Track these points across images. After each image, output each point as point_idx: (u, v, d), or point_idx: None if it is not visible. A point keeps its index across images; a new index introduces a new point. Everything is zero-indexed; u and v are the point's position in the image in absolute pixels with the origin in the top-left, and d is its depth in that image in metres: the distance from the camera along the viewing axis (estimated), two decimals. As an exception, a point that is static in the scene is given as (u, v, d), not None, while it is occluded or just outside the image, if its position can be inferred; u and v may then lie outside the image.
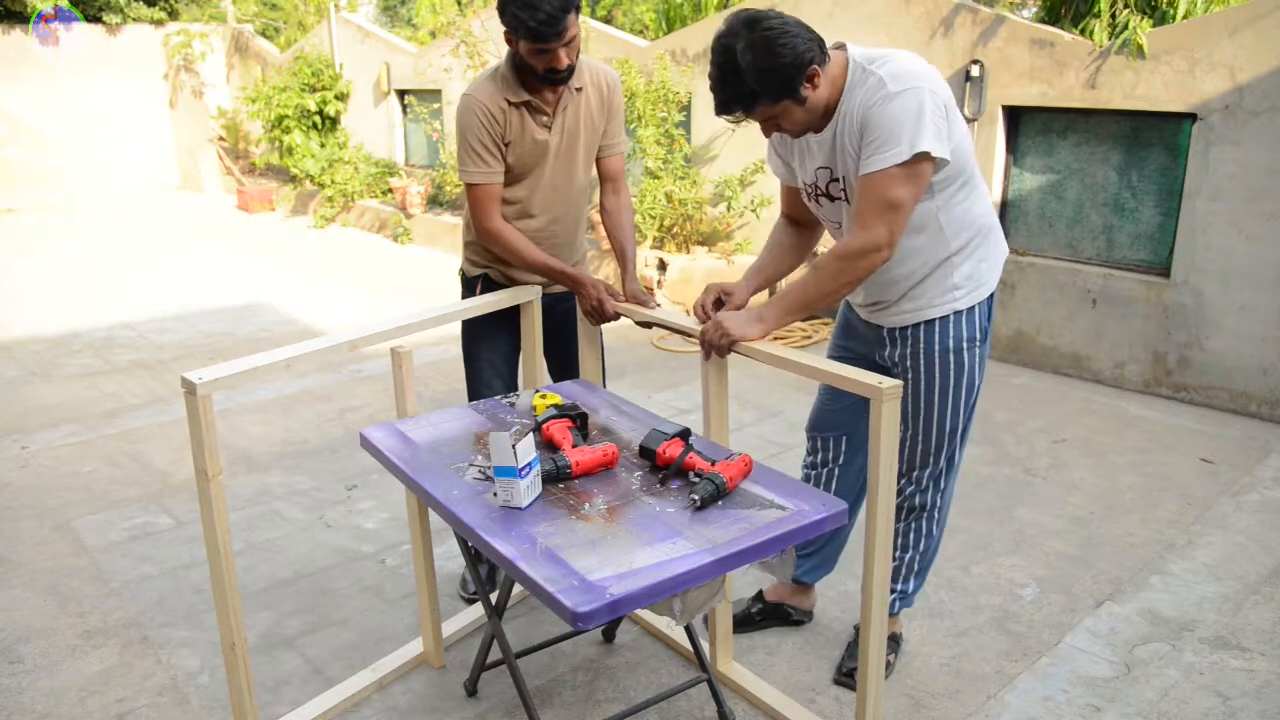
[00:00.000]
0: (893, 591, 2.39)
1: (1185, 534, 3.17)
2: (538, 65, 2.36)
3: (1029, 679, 2.42)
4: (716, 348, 2.12)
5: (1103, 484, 3.56)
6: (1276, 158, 4.00)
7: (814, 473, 2.51)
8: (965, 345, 2.17)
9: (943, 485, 2.33)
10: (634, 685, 2.41)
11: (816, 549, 2.57)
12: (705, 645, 2.33)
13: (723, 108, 1.99)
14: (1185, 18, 4.67)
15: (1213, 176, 4.19)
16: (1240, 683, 2.40)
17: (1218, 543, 3.11)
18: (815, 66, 1.94)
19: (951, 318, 2.15)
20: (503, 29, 2.37)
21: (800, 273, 2.26)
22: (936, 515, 2.36)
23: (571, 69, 2.39)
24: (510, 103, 2.43)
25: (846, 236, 2.02)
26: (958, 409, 2.22)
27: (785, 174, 2.28)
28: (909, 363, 2.20)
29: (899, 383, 1.86)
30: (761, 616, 2.63)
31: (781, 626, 2.64)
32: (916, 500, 2.32)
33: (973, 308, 2.16)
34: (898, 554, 2.37)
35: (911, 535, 2.37)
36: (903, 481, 2.30)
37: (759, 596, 2.66)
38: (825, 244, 2.61)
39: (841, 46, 2.04)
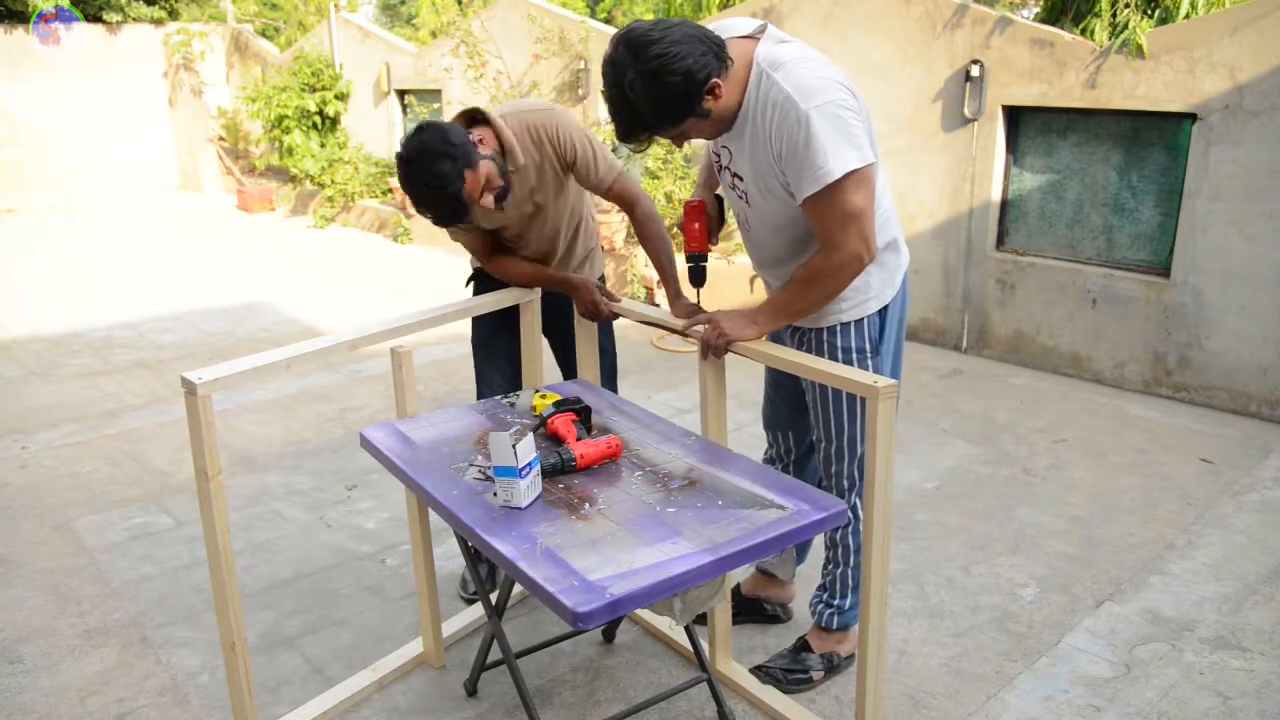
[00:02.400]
0: (830, 606, 2.40)
1: (1185, 534, 3.17)
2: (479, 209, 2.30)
3: (1029, 679, 2.42)
4: (714, 348, 2.13)
5: (1103, 484, 3.56)
6: (1276, 158, 4.00)
7: (775, 466, 2.58)
8: (855, 357, 2.16)
9: (857, 496, 2.27)
10: (634, 685, 2.41)
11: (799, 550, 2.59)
12: (705, 645, 2.33)
13: (624, 135, 1.91)
14: (1185, 17, 4.67)
15: (1213, 176, 4.19)
16: (1240, 683, 2.40)
17: (1218, 543, 3.11)
18: (715, 80, 1.84)
19: (839, 328, 2.15)
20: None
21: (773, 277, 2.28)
22: (858, 526, 2.30)
23: (505, 191, 2.29)
24: None
25: (820, 254, 1.98)
26: (854, 417, 2.18)
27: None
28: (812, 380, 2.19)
29: (894, 382, 1.87)
30: (739, 610, 2.57)
31: (764, 623, 2.63)
32: (849, 510, 2.29)
33: (861, 320, 2.14)
34: (835, 569, 2.36)
35: (839, 550, 2.33)
36: (830, 491, 2.30)
37: (735, 592, 2.60)
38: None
39: (761, 31, 1.95)
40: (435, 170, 2.15)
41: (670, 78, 1.79)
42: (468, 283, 2.80)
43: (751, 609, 2.64)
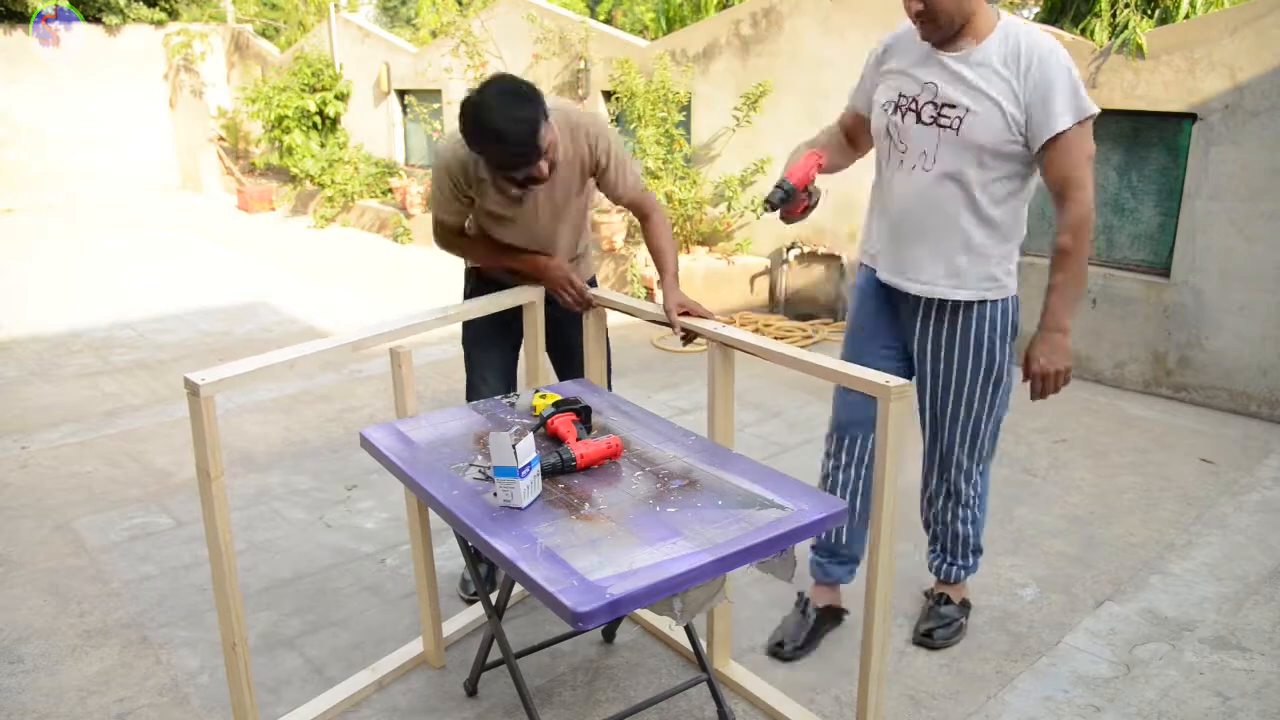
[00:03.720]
0: (953, 565, 2.57)
1: (1185, 534, 3.17)
2: (508, 185, 2.30)
3: (1029, 679, 2.42)
4: (1060, 382, 2.26)
5: (1103, 484, 3.56)
6: (1276, 158, 4.00)
7: (839, 475, 2.49)
8: (998, 338, 2.27)
9: (979, 468, 2.45)
10: (634, 685, 2.41)
11: (854, 553, 2.56)
12: (705, 645, 2.33)
13: None
14: (1186, 17, 4.67)
15: (1212, 176, 4.19)
16: (1240, 683, 2.40)
17: (1218, 543, 3.11)
18: None
19: (992, 305, 2.25)
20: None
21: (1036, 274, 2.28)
22: (974, 499, 2.48)
23: (552, 167, 2.26)
24: (479, 178, 2.39)
25: (1071, 204, 2.09)
26: (991, 402, 2.35)
27: (862, 102, 2.37)
28: (944, 345, 2.28)
29: (907, 382, 1.86)
30: (820, 624, 2.57)
31: (835, 628, 2.62)
32: (949, 486, 2.44)
33: (1011, 298, 2.27)
34: (950, 540, 2.54)
35: (960, 525, 2.50)
36: (939, 469, 2.45)
37: (805, 607, 2.59)
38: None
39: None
40: (524, 107, 2.13)
41: None
42: (465, 279, 2.78)
43: (832, 617, 2.61)
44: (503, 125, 2.11)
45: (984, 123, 2.07)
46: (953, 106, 2.10)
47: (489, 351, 2.73)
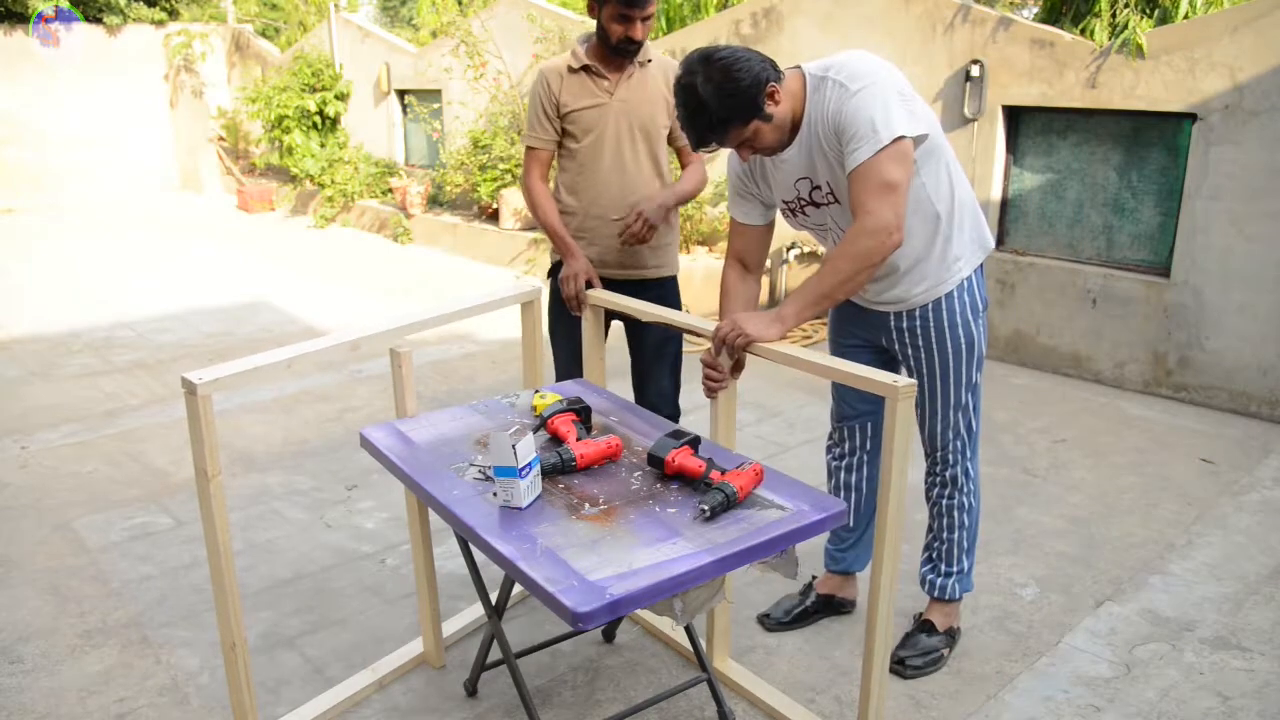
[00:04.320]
0: (949, 575, 2.50)
1: (1185, 534, 3.17)
2: (614, 32, 2.56)
3: (1029, 679, 2.42)
4: (731, 348, 2.13)
5: (1103, 484, 3.56)
6: (1276, 158, 4.00)
7: (841, 462, 2.57)
8: (971, 316, 2.27)
9: (969, 455, 2.41)
10: (634, 685, 2.41)
11: (857, 538, 2.62)
12: (705, 645, 2.33)
13: (699, 142, 2.07)
14: (1185, 17, 4.67)
15: (1212, 176, 4.19)
16: (1240, 683, 2.40)
17: (1218, 543, 3.11)
18: (773, 84, 2.03)
19: (955, 291, 2.25)
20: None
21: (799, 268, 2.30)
22: (970, 486, 2.44)
23: (640, 45, 2.59)
24: (572, 69, 2.65)
25: (855, 226, 2.04)
26: (970, 378, 2.32)
27: (752, 211, 2.34)
28: (920, 340, 2.28)
29: (914, 381, 1.88)
30: (815, 609, 2.66)
31: (831, 618, 2.68)
32: (948, 474, 2.40)
33: (970, 277, 2.27)
34: (946, 535, 2.47)
35: (956, 513, 2.45)
36: (929, 463, 2.43)
37: (808, 590, 2.69)
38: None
39: (796, 68, 2.13)
40: None
41: (739, 74, 1.99)
42: (550, 273, 2.91)
43: (828, 607, 2.69)
44: None
45: (844, 184, 2.10)
46: (818, 188, 2.17)
47: (563, 338, 2.87)
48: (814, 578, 2.73)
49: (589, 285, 2.65)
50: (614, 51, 2.60)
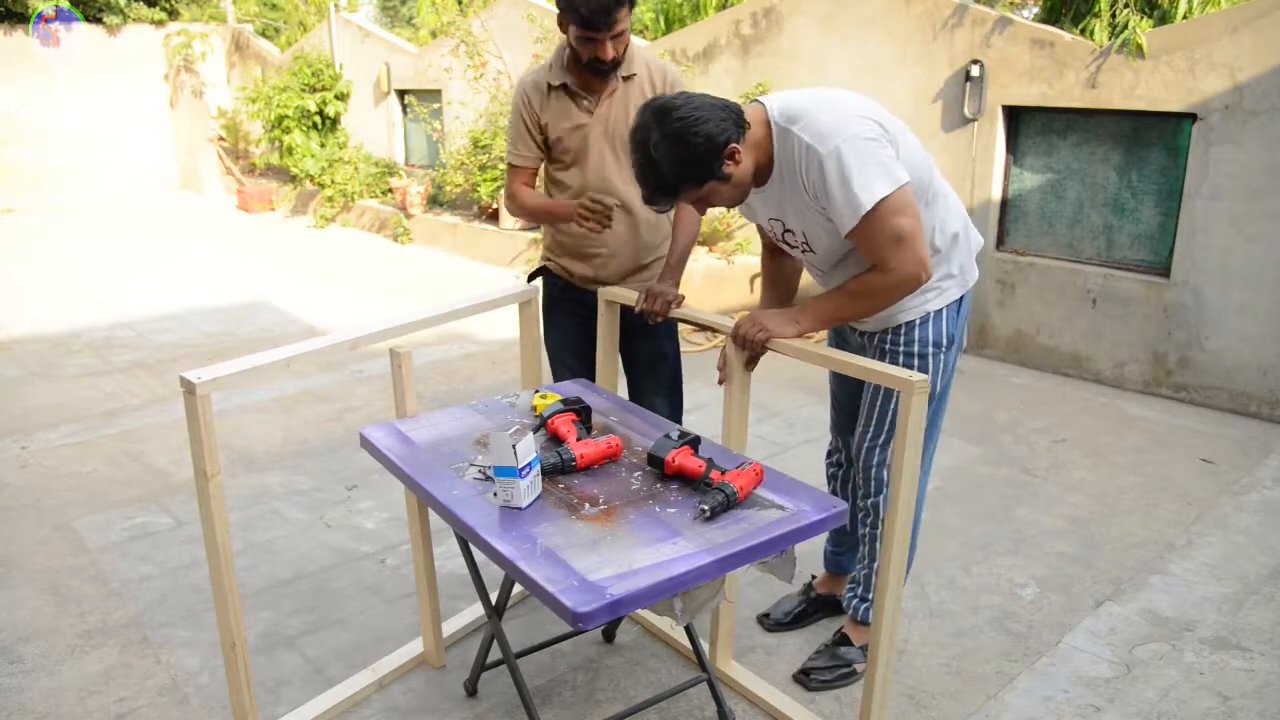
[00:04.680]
0: (866, 601, 2.42)
1: (1185, 534, 3.17)
2: (583, 53, 2.40)
3: (1029, 679, 2.42)
4: (751, 343, 2.10)
5: (1103, 484, 3.56)
6: (1276, 158, 4.00)
7: (840, 470, 2.56)
8: (931, 350, 2.18)
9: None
10: (634, 685, 2.41)
11: (856, 542, 2.56)
12: (705, 645, 2.33)
13: (649, 199, 1.99)
14: (1185, 17, 4.67)
15: (1212, 176, 4.19)
16: (1240, 683, 2.40)
17: (1218, 543, 3.11)
18: (733, 145, 1.92)
19: (917, 322, 2.16)
20: (556, 11, 2.42)
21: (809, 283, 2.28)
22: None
23: (616, 63, 2.42)
24: (551, 85, 2.51)
25: (873, 272, 2.00)
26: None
27: (750, 214, 2.29)
28: (887, 357, 2.22)
29: (927, 376, 1.86)
30: (815, 609, 2.67)
31: (830, 618, 2.68)
32: (869, 503, 2.31)
33: (940, 310, 2.17)
34: (869, 563, 2.37)
35: (877, 545, 2.34)
36: (859, 485, 2.32)
37: (808, 590, 2.70)
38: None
39: (758, 105, 2.02)
40: None
41: (694, 139, 1.88)
42: (530, 278, 2.79)
43: (827, 605, 2.68)
44: None
45: (822, 233, 2.06)
46: (790, 232, 2.13)
47: (557, 341, 2.79)
48: (813, 578, 2.73)
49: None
50: (587, 69, 2.44)
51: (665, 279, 2.49)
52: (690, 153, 1.89)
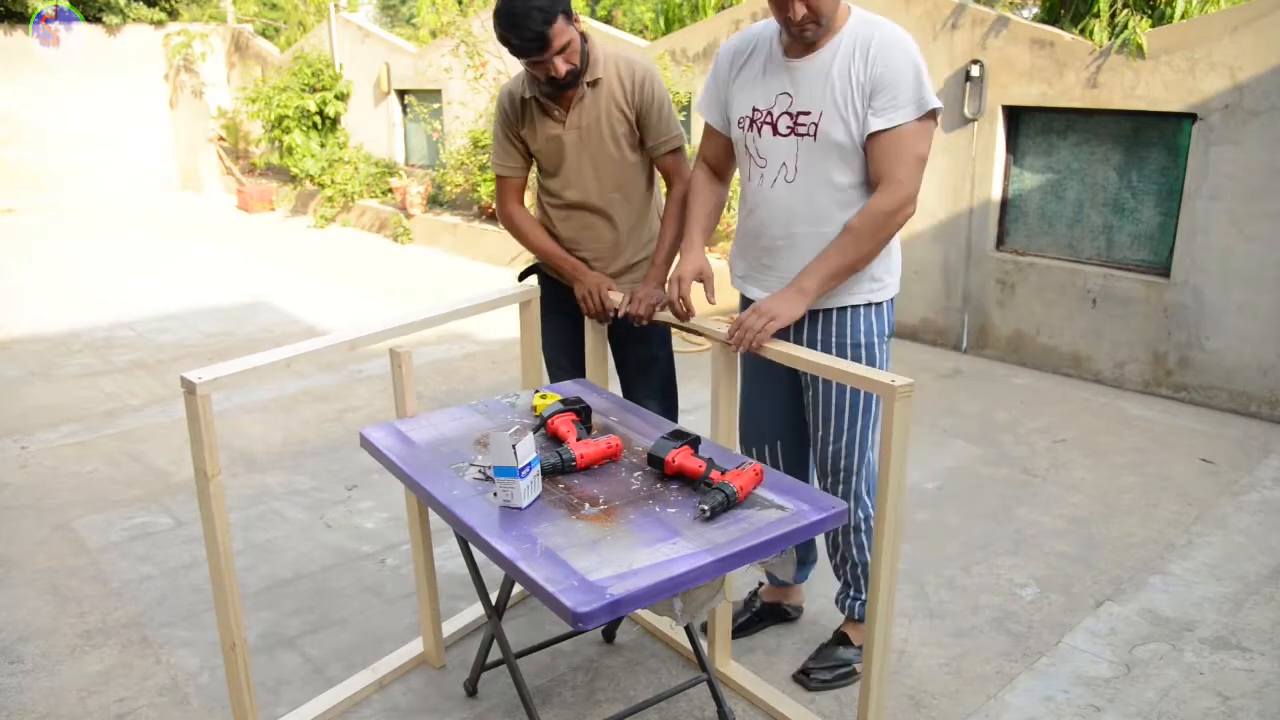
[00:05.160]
0: (858, 599, 2.44)
1: (1185, 534, 3.17)
2: (537, 74, 2.39)
3: (1029, 679, 2.42)
4: (759, 334, 2.02)
5: (1103, 484, 3.56)
6: (1276, 158, 4.00)
7: None
8: (877, 339, 2.18)
9: (866, 494, 2.30)
10: (634, 685, 2.41)
11: (803, 556, 2.57)
12: (705, 645, 2.33)
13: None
14: (1184, 17, 4.67)
15: (1212, 176, 4.19)
16: (1240, 683, 2.40)
17: (1218, 543, 3.11)
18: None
19: (864, 309, 2.16)
20: None
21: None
22: (865, 523, 2.33)
23: (574, 74, 2.38)
24: (523, 98, 2.50)
25: (880, 194, 1.99)
26: (869, 408, 2.20)
27: (717, 116, 2.24)
28: (827, 351, 2.17)
29: (911, 380, 1.85)
30: (761, 618, 2.63)
31: (780, 625, 2.65)
32: (868, 512, 2.30)
33: (882, 304, 2.18)
34: (857, 557, 2.37)
35: (854, 550, 2.36)
36: (823, 487, 2.29)
37: (753, 599, 2.67)
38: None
39: None
40: None
41: None
42: (521, 276, 2.77)
43: (774, 614, 2.65)
44: (514, 6, 2.25)
45: (840, 124, 2.00)
46: (806, 113, 2.04)
47: (549, 340, 2.76)
48: (760, 585, 2.70)
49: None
50: (549, 85, 2.40)
51: (651, 280, 2.47)
52: None
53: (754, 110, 2.13)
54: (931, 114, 1.97)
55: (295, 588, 2.89)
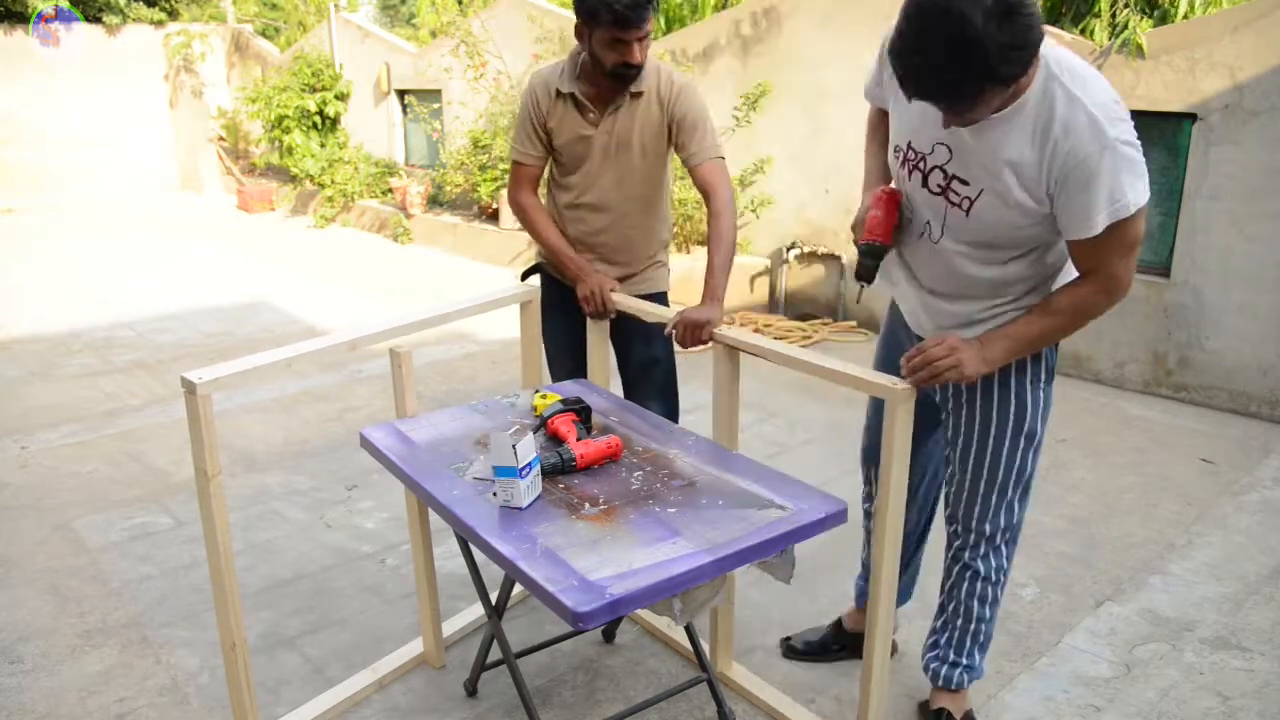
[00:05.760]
0: (955, 665, 2.18)
1: (1185, 534, 3.17)
2: (609, 58, 2.32)
3: (1029, 679, 2.42)
4: (937, 376, 1.81)
5: (1103, 484, 3.56)
6: (1276, 158, 4.00)
7: (872, 504, 2.31)
8: (1030, 382, 1.95)
9: (1002, 546, 2.07)
10: (634, 685, 2.41)
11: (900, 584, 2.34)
12: (705, 645, 2.33)
13: (950, 98, 1.56)
14: (1185, 17, 4.67)
15: (1212, 176, 4.19)
16: (1240, 683, 2.40)
17: (1218, 543, 3.11)
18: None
19: (1029, 359, 1.95)
20: (575, 21, 2.35)
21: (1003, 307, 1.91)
22: (1001, 579, 2.11)
23: (639, 68, 2.35)
24: (559, 91, 2.47)
25: (1092, 286, 1.77)
26: (1015, 452, 1.98)
27: (883, 98, 1.98)
28: (965, 394, 1.98)
29: (911, 387, 1.83)
30: (840, 647, 2.48)
31: (853, 660, 2.42)
32: (976, 564, 2.09)
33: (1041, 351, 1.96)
34: (961, 624, 2.15)
35: (975, 603, 2.11)
36: (957, 538, 2.12)
37: (838, 626, 2.50)
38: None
39: None
40: None
41: (1031, 22, 1.48)
42: (524, 276, 2.77)
43: (856, 647, 2.38)
44: None
45: (999, 207, 1.73)
46: (965, 183, 1.75)
47: (549, 340, 2.76)
48: (842, 618, 2.53)
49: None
50: (609, 76, 2.36)
51: (707, 301, 2.38)
52: (1025, 39, 1.48)
53: (909, 146, 1.84)
54: (1132, 214, 1.64)
55: (295, 588, 2.89)
